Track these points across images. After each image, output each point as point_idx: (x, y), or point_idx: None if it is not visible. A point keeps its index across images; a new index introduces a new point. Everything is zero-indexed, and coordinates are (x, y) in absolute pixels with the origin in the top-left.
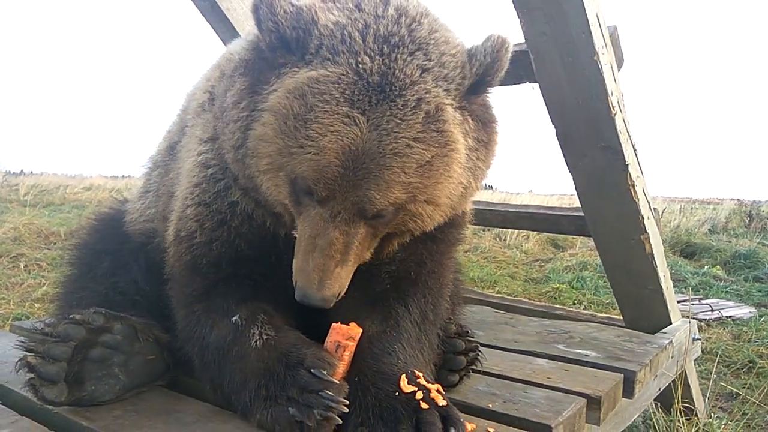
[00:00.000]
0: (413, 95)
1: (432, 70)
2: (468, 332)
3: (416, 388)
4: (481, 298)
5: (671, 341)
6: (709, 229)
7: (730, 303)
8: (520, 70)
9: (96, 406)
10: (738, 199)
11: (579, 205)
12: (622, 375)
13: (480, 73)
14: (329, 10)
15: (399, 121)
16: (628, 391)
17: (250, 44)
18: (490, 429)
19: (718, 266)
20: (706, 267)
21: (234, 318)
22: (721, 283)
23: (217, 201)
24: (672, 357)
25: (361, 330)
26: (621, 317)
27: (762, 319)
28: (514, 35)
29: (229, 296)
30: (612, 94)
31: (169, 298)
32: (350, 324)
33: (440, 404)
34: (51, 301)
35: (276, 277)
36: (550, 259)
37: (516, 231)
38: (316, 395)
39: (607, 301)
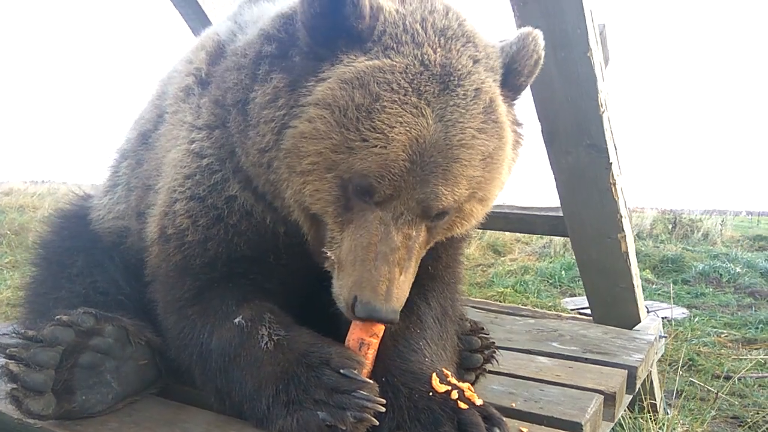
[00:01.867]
0: (471, 85)
1: (481, 61)
2: (483, 328)
3: (450, 388)
4: None
5: (656, 337)
6: (636, 235)
7: (664, 305)
8: None
9: (87, 418)
10: (659, 208)
11: (553, 206)
12: (626, 371)
13: (506, 63)
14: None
15: (462, 111)
16: (631, 386)
17: (269, 36)
18: (523, 429)
19: (647, 270)
20: None
21: (237, 320)
22: (653, 286)
23: (212, 195)
24: (657, 353)
25: (383, 326)
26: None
27: (696, 319)
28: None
29: (227, 297)
30: (601, 92)
31: (153, 302)
32: None
33: (477, 404)
34: (15, 306)
35: (275, 278)
36: (491, 264)
37: None
38: (348, 396)
39: (550, 304)
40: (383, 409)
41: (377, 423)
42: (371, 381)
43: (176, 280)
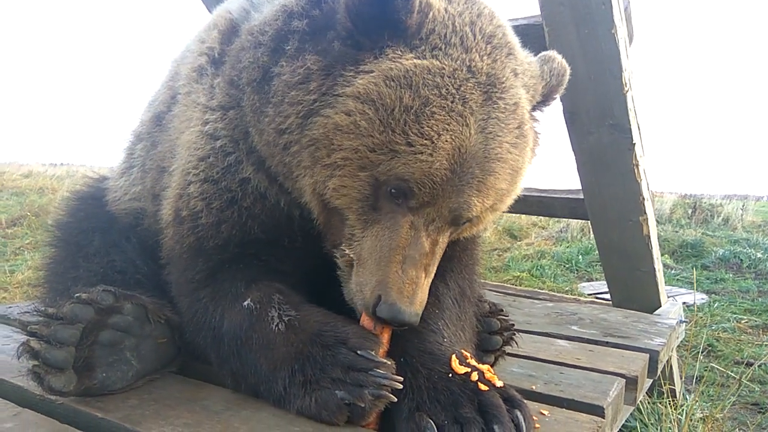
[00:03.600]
0: (511, 98)
1: (520, 76)
2: (502, 310)
3: (469, 369)
4: None
5: (677, 321)
6: (655, 220)
7: (683, 290)
8: (528, 45)
9: (107, 395)
10: (679, 193)
11: (573, 188)
12: (648, 355)
13: (545, 94)
14: None
15: (502, 125)
16: (652, 370)
17: (294, 13)
18: (543, 411)
19: (666, 255)
20: None
21: (246, 302)
22: (672, 272)
23: (226, 177)
24: (677, 337)
25: None
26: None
27: (715, 305)
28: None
29: (237, 279)
30: (625, 70)
31: (168, 283)
32: None
33: (497, 385)
34: (35, 285)
35: (289, 260)
36: (507, 248)
37: None
38: (365, 374)
39: (566, 289)
40: (400, 386)
41: (395, 399)
42: (388, 360)
43: (189, 261)
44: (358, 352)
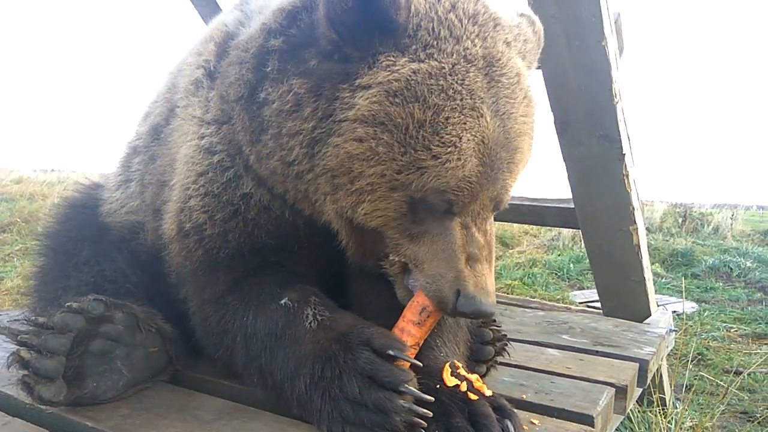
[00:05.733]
0: (511, 71)
1: (512, 44)
2: (495, 320)
3: (459, 382)
4: None
5: (667, 330)
6: (646, 229)
7: (673, 299)
8: None
9: (98, 404)
10: (669, 202)
11: (564, 197)
12: (638, 364)
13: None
14: None
15: (512, 101)
16: (642, 379)
17: (272, 31)
18: (533, 420)
19: (657, 263)
20: None
21: (283, 301)
22: (662, 280)
23: (227, 192)
24: (667, 346)
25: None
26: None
27: (705, 313)
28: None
29: (270, 282)
30: (615, 81)
31: (182, 301)
32: None
33: (487, 394)
34: (25, 294)
35: (302, 266)
36: (499, 256)
37: None
38: (386, 393)
39: (558, 297)
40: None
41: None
42: (408, 371)
43: (207, 276)
44: (390, 351)
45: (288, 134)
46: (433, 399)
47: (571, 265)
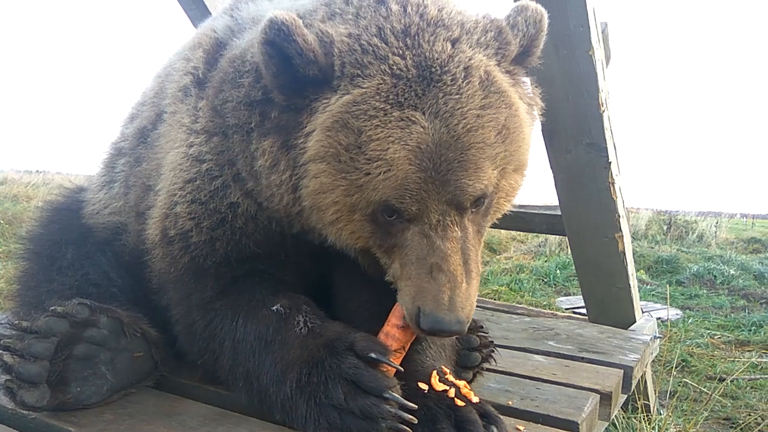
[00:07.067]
0: (457, 66)
1: (461, 39)
2: (482, 327)
3: (447, 387)
4: None
5: (651, 337)
6: (631, 236)
7: (658, 305)
8: None
9: (81, 410)
10: (654, 209)
11: (551, 204)
12: (622, 370)
13: (524, 45)
14: (334, 27)
15: (457, 96)
16: (627, 386)
17: (254, 75)
18: (519, 426)
19: (642, 270)
20: None
21: (275, 307)
22: (647, 287)
23: (214, 200)
24: (652, 353)
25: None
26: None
27: (689, 320)
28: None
29: (260, 289)
30: (602, 90)
31: (165, 308)
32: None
33: (474, 401)
34: (8, 298)
35: (288, 274)
36: (486, 262)
37: None
38: (371, 398)
39: (545, 303)
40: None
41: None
42: (392, 378)
43: (195, 283)
44: (371, 354)
45: (276, 185)
46: (416, 407)
47: (558, 271)
